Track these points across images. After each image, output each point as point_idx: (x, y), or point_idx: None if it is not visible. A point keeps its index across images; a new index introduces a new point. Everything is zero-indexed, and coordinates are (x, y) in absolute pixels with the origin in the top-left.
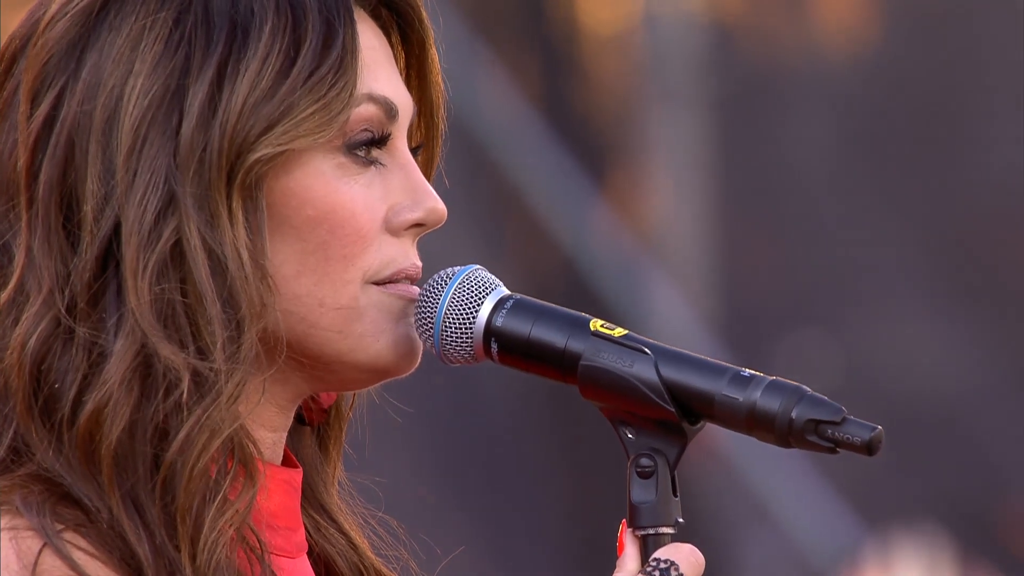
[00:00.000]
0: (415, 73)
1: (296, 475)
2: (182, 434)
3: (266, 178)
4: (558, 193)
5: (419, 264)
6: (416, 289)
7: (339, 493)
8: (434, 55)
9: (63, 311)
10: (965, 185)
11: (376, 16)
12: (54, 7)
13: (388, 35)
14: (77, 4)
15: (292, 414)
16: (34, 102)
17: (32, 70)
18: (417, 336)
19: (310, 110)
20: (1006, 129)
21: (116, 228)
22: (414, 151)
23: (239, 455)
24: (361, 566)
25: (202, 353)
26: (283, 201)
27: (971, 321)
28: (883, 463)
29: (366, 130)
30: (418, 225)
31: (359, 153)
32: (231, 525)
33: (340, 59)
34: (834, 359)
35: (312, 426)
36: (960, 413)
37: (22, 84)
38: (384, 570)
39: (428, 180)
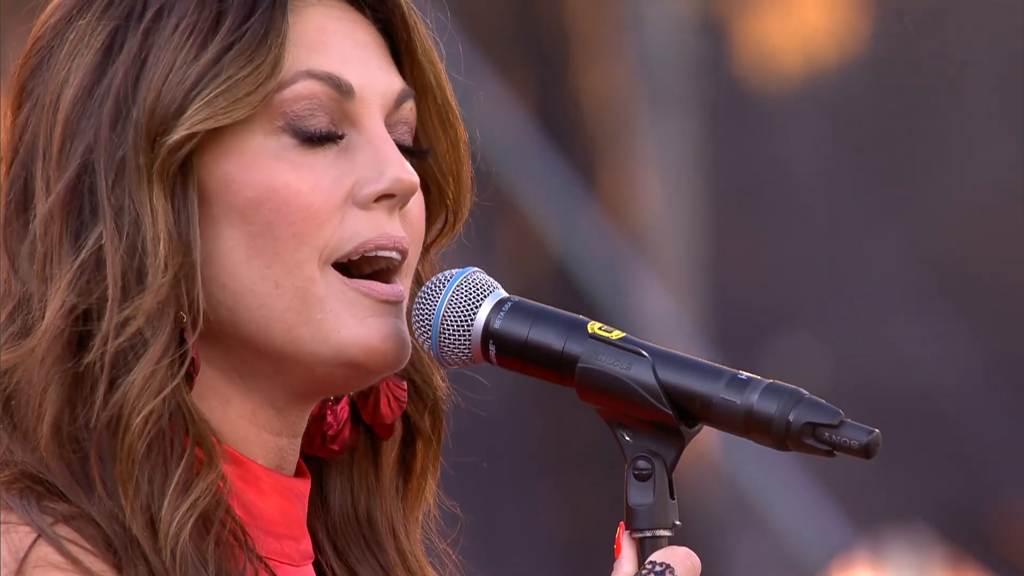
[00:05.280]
0: (408, 62)
1: (299, 484)
2: (100, 426)
3: (199, 166)
4: (549, 195)
5: (395, 234)
6: (386, 288)
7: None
8: (419, 38)
9: (20, 325)
10: (954, 185)
11: (359, 7)
12: (51, 9)
13: (379, 28)
14: (58, 11)
15: (299, 419)
16: (20, 108)
17: (15, 88)
18: (395, 335)
19: (214, 92)
20: (994, 130)
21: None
22: (423, 153)
23: (193, 444)
24: None
25: (97, 353)
26: (223, 188)
27: (960, 322)
28: (874, 465)
29: (312, 109)
30: (388, 196)
31: (309, 132)
32: (190, 516)
33: (256, 40)
34: (824, 360)
35: (384, 439)
36: (950, 414)
37: (12, 98)
38: None
39: (462, 174)
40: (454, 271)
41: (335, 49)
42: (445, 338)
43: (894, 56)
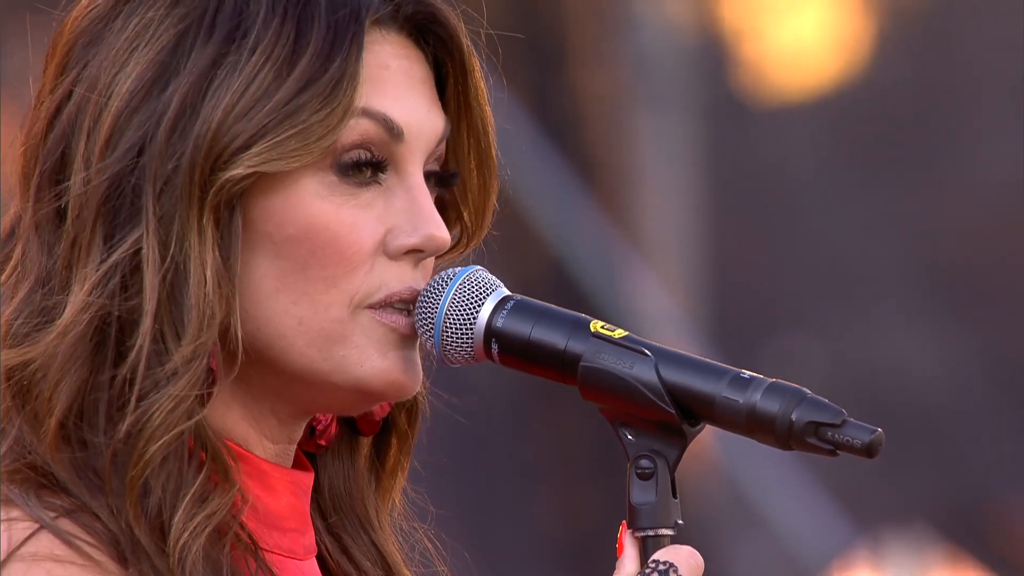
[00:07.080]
0: (456, 100)
1: (305, 478)
2: (119, 438)
3: (244, 195)
4: (547, 195)
5: (418, 288)
6: (407, 322)
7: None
8: (474, 82)
9: (39, 306)
10: (952, 189)
11: (417, 40)
12: None
13: (430, 59)
14: None
15: (298, 428)
16: (53, 90)
17: (59, 55)
18: (413, 367)
19: (287, 134)
20: (994, 133)
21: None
22: (449, 177)
23: (210, 460)
24: None
25: (129, 366)
26: (264, 218)
27: (958, 324)
28: (874, 465)
29: (362, 148)
30: (417, 251)
31: (352, 172)
32: (205, 526)
33: (332, 84)
34: (822, 361)
35: (366, 436)
36: (949, 414)
37: (52, 65)
38: None
39: (487, 210)
40: (457, 269)
41: (392, 88)
42: (448, 336)
43: (893, 59)
